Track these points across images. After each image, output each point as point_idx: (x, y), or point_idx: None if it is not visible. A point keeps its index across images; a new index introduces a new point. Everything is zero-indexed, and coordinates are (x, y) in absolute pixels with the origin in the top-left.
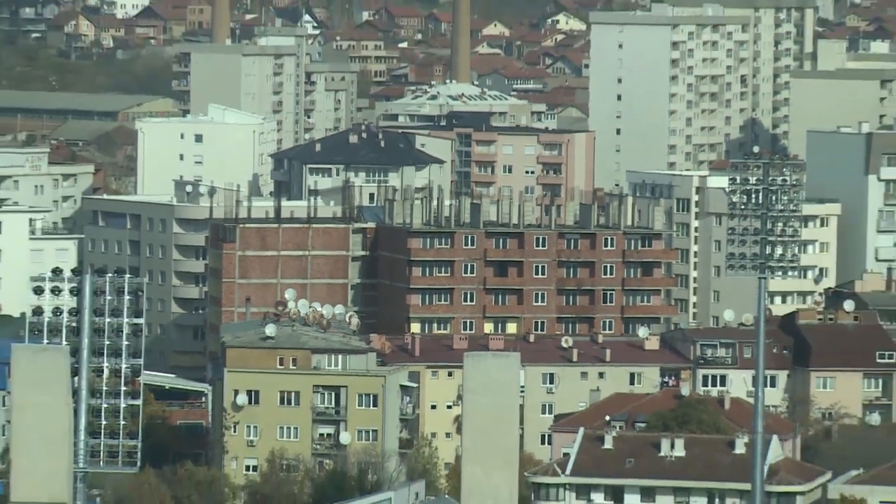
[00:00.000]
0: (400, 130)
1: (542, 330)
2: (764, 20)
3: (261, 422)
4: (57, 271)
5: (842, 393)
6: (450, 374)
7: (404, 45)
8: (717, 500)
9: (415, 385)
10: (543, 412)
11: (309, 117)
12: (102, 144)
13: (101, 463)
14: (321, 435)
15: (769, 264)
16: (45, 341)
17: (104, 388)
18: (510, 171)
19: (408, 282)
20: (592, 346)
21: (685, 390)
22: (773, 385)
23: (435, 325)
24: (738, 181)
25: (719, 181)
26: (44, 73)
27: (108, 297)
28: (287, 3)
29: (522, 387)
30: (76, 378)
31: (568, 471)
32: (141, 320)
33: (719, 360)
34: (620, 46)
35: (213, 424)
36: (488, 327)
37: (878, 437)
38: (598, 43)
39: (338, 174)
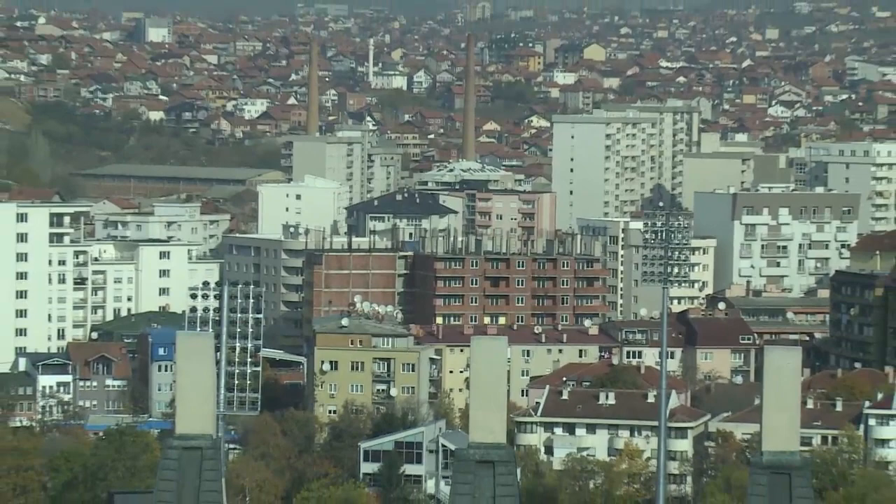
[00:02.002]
0: (429, 192)
1: (521, 322)
2: (666, 120)
3: (338, 381)
4: (206, 284)
5: (717, 363)
6: (461, 350)
7: (432, 136)
8: (636, 432)
9: (438, 357)
10: (522, 375)
11: (370, 182)
12: (235, 201)
13: (234, 408)
14: (377, 390)
15: (669, 279)
16: (198, 329)
17: (236, 359)
18: (500, 218)
19: (434, 290)
20: (554, 332)
21: (615, 361)
22: (671, 358)
23: (451, 319)
24: (649, 225)
25: (637, 224)
26: (197, 155)
27: (239, 301)
28: (356, 108)
29: (509, 359)
30: (218, 353)
31: (539, 413)
32: (260, 315)
33: (637, 341)
34: (572, 137)
35: (307, 383)
36: (487, 320)
37: (741, 392)
38: (558, 135)
39: (388, 220)
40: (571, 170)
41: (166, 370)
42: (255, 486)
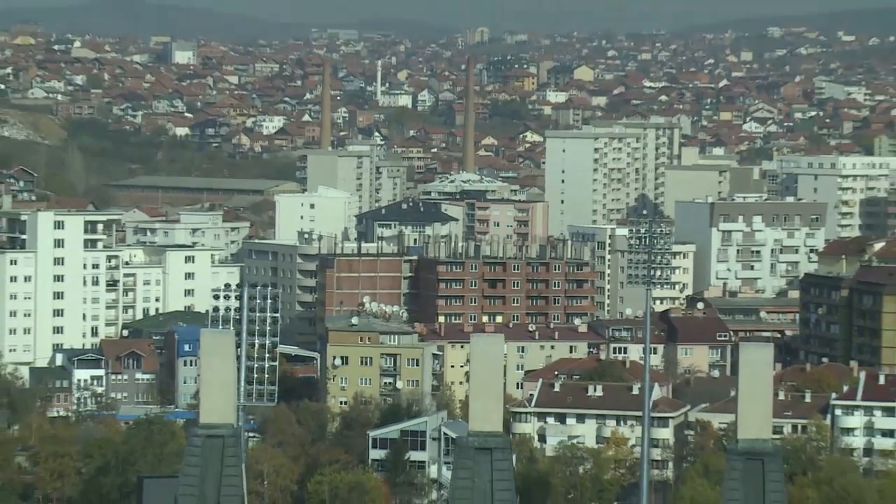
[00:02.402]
0: (432, 201)
1: (516, 320)
2: (649, 135)
3: (348, 375)
4: (227, 286)
5: (696, 358)
6: (462, 347)
7: (434, 150)
8: (622, 422)
9: (440, 353)
10: (518, 369)
11: (377, 192)
12: (254, 210)
13: (253, 400)
14: (385, 383)
15: (652, 281)
16: (220, 327)
17: (255, 355)
18: (497, 225)
19: (436, 292)
20: (547, 330)
21: (603, 356)
22: (654, 353)
23: (452, 318)
24: (634, 231)
25: (622, 231)
26: (219, 167)
27: (258, 301)
28: (365, 125)
29: (505, 354)
30: (238, 349)
31: (532, 404)
32: (277, 315)
33: (623, 338)
34: (563, 151)
35: (320, 377)
36: (485, 319)
37: (718, 385)
38: (551, 149)
39: (395, 227)
40: (562, 181)
41: (191, 365)
42: (273, 471)
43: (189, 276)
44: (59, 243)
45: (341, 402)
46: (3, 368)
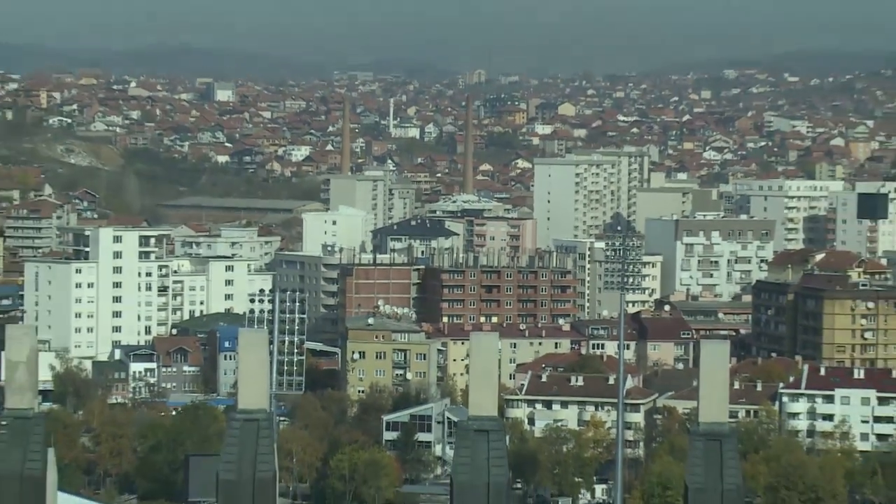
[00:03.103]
0: (437, 218)
1: (509, 320)
2: (622, 162)
3: (365, 368)
4: (261, 291)
5: (663, 353)
6: (462, 343)
7: (439, 175)
8: (600, 407)
9: (444, 349)
10: (510, 363)
11: (390, 211)
12: (285, 226)
13: (284, 388)
14: (396, 374)
15: (625, 287)
16: (255, 326)
17: (285, 350)
18: (493, 239)
19: (440, 296)
20: (535, 329)
21: (583, 351)
22: (627, 349)
23: (454, 318)
24: (609, 245)
25: (600, 244)
26: (255, 189)
27: (287, 304)
28: (379, 153)
29: (500, 350)
30: (271, 345)
31: (523, 393)
32: (304, 316)
33: (600, 336)
34: (549, 175)
35: (341, 369)
36: (482, 319)
37: (682, 376)
38: (539, 174)
39: (405, 241)
40: (548, 201)
41: (230, 359)
42: (300, 450)
43: (229, 282)
44: (117, 255)
45: (359, 391)
46: (70, 362)
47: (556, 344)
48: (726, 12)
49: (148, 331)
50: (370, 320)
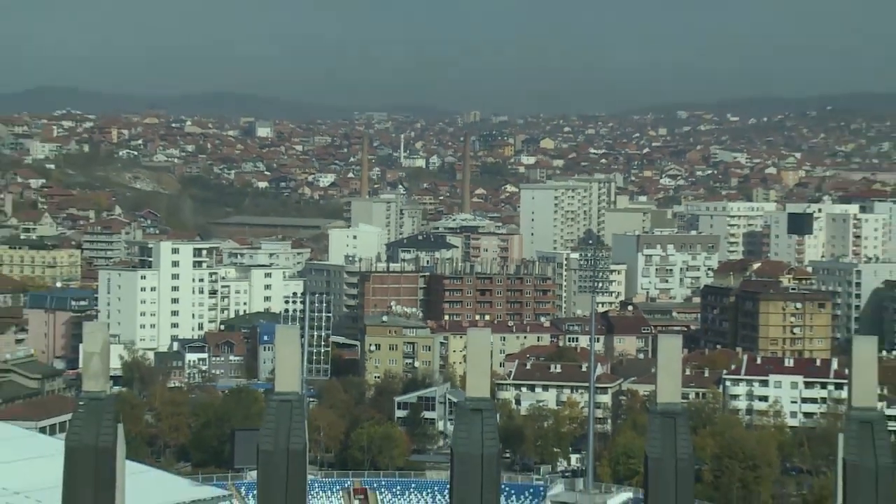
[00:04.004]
0: (439, 234)
1: (500, 318)
2: (593, 187)
3: (380, 357)
4: (294, 294)
5: (627, 345)
6: (461, 337)
7: (441, 198)
8: (573, 390)
9: (446, 342)
10: (500, 353)
11: (401, 228)
12: (314, 240)
13: (313, 374)
14: (406, 363)
15: (596, 290)
16: (289, 323)
17: (314, 342)
18: (486, 251)
19: (442, 298)
20: (521, 325)
21: (561, 344)
22: (598, 342)
23: (454, 317)
24: (583, 255)
25: (575, 255)
26: (289, 210)
27: (316, 305)
28: (391, 180)
29: (492, 342)
30: (302, 338)
31: (511, 378)
32: (329, 314)
33: (575, 331)
34: (533, 198)
35: (361, 358)
36: (477, 317)
37: (643, 364)
38: (524, 197)
39: (413, 252)
40: (532, 219)
41: (269, 350)
42: (326, 426)
43: (267, 287)
44: (175, 264)
45: (375, 377)
46: (136, 353)
47: (539, 338)
48: (678, 65)
49: (200, 327)
50: (384, 318)
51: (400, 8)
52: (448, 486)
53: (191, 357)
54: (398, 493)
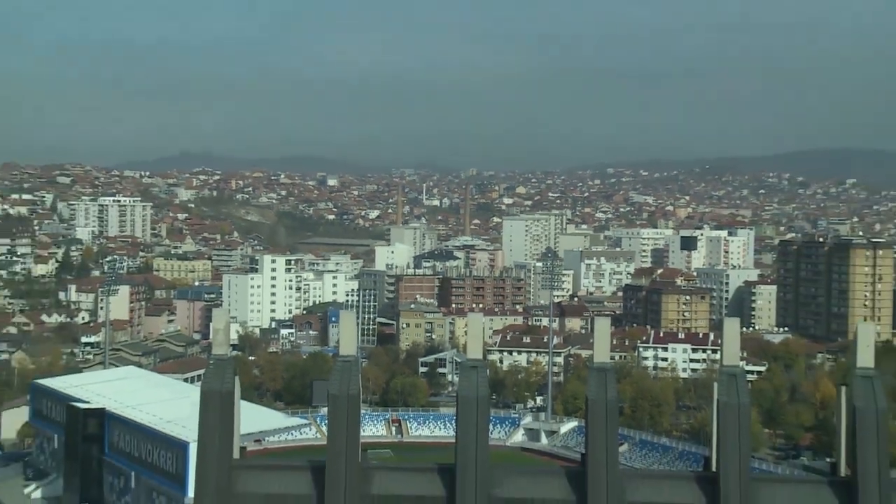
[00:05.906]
0: (448, 250)
1: (489, 306)
2: (552, 220)
3: (409, 333)
4: (353, 290)
5: (574, 324)
6: (463, 318)
7: (450, 226)
8: (538, 354)
9: (453, 322)
10: (489, 329)
11: (423, 246)
12: (365, 254)
13: (365, 343)
14: (426, 336)
15: (553, 288)
16: (349, 309)
17: (365, 322)
18: (480, 261)
19: (451, 293)
20: (503, 310)
21: (530, 323)
22: (554, 322)
23: (459, 305)
24: (544, 265)
25: (539, 264)
26: (349, 234)
27: (367, 297)
28: (416, 214)
29: (483, 322)
30: (358, 319)
31: (496, 345)
32: (376, 303)
33: (539, 315)
34: (511, 226)
35: (396, 332)
36: (474, 306)
37: (584, 337)
38: (505, 226)
39: (431, 263)
40: (511, 240)
41: (335, 327)
42: (373, 378)
43: (334, 285)
44: (273, 270)
45: (406, 345)
46: (247, 329)
47: (515, 319)
48: (608, 138)
49: (290, 312)
50: (412, 306)
51: (412, 110)
52: (455, 417)
53: (284, 332)
54: (421, 422)
